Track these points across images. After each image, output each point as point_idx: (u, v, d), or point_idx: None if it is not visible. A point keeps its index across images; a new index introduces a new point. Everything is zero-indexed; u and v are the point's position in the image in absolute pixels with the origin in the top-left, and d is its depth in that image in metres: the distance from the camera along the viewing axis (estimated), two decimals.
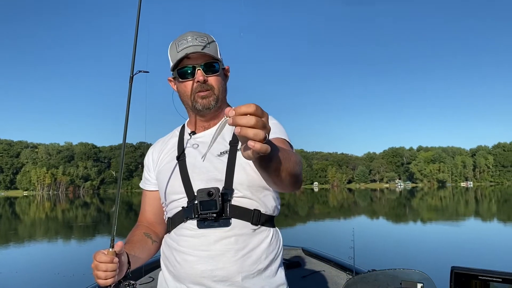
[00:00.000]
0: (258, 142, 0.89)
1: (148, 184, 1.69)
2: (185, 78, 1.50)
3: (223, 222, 1.40)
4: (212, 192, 1.37)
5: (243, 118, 0.88)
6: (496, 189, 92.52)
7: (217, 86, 1.51)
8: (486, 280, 1.18)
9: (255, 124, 0.88)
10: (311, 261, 3.93)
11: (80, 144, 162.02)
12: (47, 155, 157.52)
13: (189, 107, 1.57)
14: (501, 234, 15.28)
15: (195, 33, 1.50)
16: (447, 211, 29.22)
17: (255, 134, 0.88)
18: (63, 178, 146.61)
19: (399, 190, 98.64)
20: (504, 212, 27.23)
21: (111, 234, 1.31)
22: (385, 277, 1.56)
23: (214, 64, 1.50)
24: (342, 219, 23.35)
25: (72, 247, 14.21)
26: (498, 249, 11.43)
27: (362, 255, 3.19)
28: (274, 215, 1.53)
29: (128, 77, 1.42)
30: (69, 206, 47.52)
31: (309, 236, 14.44)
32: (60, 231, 19.56)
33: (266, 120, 0.92)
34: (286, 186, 1.26)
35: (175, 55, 1.49)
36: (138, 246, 1.50)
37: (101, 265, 1.26)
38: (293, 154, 1.26)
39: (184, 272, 1.41)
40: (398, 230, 17.49)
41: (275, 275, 1.46)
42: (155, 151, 1.69)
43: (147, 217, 1.68)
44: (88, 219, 27.94)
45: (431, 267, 6.09)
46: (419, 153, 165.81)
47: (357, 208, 34.18)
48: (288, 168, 1.16)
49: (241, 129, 0.88)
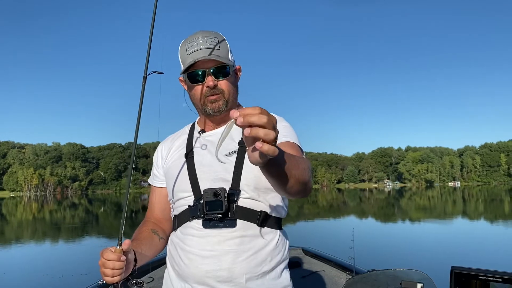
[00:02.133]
0: (266, 143, 0.86)
1: (156, 180, 1.69)
2: (195, 81, 1.49)
3: (228, 223, 1.39)
4: (218, 192, 1.36)
5: (254, 115, 0.86)
6: (483, 189, 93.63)
7: (227, 89, 1.49)
8: (486, 280, 1.18)
9: (266, 124, 0.86)
10: (311, 261, 3.92)
11: (68, 144, 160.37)
12: (34, 155, 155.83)
13: (199, 110, 1.57)
14: (501, 234, 15.36)
15: (205, 34, 1.47)
16: (435, 210, 29.49)
17: (266, 133, 0.86)
18: (50, 178, 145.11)
19: (387, 190, 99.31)
20: (492, 211, 27.52)
21: (119, 232, 1.32)
22: (385, 277, 1.56)
23: (225, 67, 1.47)
24: (342, 219, 23.39)
25: (60, 248, 14.06)
26: (498, 249, 11.49)
27: (362, 255, 3.19)
28: (281, 217, 1.51)
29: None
30: (57, 207, 47.02)
31: (309, 236, 14.39)
32: (48, 233, 19.35)
33: (275, 124, 0.90)
34: (294, 193, 1.23)
35: (185, 58, 1.47)
36: (145, 243, 1.50)
37: (109, 262, 1.25)
38: (302, 161, 1.24)
39: (189, 271, 1.40)
40: (398, 230, 17.50)
41: (280, 277, 1.45)
42: (164, 148, 1.69)
43: (155, 213, 1.68)
44: (76, 220, 27.69)
45: (431, 267, 6.11)
46: (408, 153, 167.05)
47: (347, 207, 34.33)
48: (296, 175, 1.14)
49: (251, 129, 0.86)
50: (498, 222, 19.89)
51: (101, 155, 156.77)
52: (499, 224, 18.84)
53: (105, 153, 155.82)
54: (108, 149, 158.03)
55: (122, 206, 1.34)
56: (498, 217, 22.36)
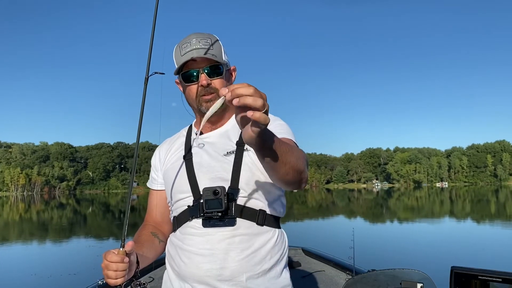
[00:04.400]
0: (256, 111, 0.91)
1: (155, 183, 1.69)
2: (189, 81, 1.51)
3: (228, 222, 1.40)
4: (218, 191, 1.36)
5: (240, 88, 0.91)
6: (470, 189, 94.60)
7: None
8: (486, 280, 1.18)
9: (254, 93, 0.91)
10: (311, 261, 3.93)
11: (55, 144, 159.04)
12: (21, 155, 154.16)
13: (195, 110, 1.59)
14: (501, 234, 15.46)
15: (199, 35, 1.50)
16: (434, 210, 29.65)
17: (254, 100, 0.90)
18: (38, 178, 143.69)
19: (376, 191, 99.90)
20: (482, 211, 27.77)
21: (122, 234, 1.33)
22: (385, 277, 1.56)
23: (219, 66, 1.50)
24: (341, 219, 23.42)
25: (47, 249, 13.91)
26: (498, 249, 11.54)
27: (362, 255, 3.20)
28: (280, 216, 1.52)
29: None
30: (44, 207, 46.46)
31: (309, 236, 14.36)
32: (35, 233, 19.12)
33: (264, 99, 0.93)
34: (290, 182, 1.25)
35: (179, 59, 1.50)
36: (146, 246, 1.50)
37: (112, 264, 1.25)
38: (296, 149, 1.27)
39: (189, 271, 1.40)
40: (398, 230, 17.53)
41: (280, 276, 1.46)
42: (162, 151, 1.71)
43: (154, 216, 1.68)
44: (64, 220, 27.41)
45: (431, 267, 6.14)
46: (396, 154, 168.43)
47: (336, 208, 34.44)
48: (291, 162, 1.17)
49: (239, 98, 0.90)
50: (498, 222, 20.01)
51: (90, 154, 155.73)
52: (499, 224, 18.94)
53: (94, 152, 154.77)
54: (97, 148, 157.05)
55: (125, 208, 1.36)
56: (498, 217, 22.53)
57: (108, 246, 13.21)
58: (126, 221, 1.35)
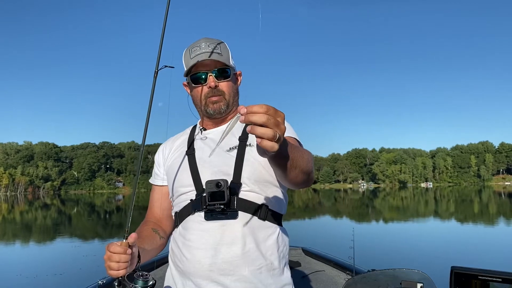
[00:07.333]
0: (264, 140, 0.94)
1: (157, 179, 1.72)
2: (197, 83, 1.58)
3: (230, 214, 1.43)
4: (220, 183, 1.38)
5: (254, 115, 0.93)
6: (454, 189, 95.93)
7: (228, 91, 1.59)
8: (486, 280, 1.18)
9: (266, 122, 0.93)
10: (311, 261, 3.95)
11: (40, 143, 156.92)
12: (4, 154, 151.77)
13: (201, 111, 1.64)
14: (501, 234, 15.61)
15: (208, 40, 1.57)
16: (433, 210, 29.91)
17: (262, 133, 0.93)
18: (21, 178, 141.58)
19: (362, 191, 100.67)
20: (486, 212, 28.07)
21: (126, 226, 1.33)
22: (385, 277, 1.57)
23: (226, 70, 1.57)
24: (341, 219, 23.52)
25: (32, 249, 13.75)
26: (498, 249, 11.63)
27: (362, 255, 3.21)
28: (281, 213, 1.54)
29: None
30: (28, 208, 45.77)
31: (309, 236, 14.35)
32: (19, 234, 18.84)
33: (282, 120, 0.97)
34: (299, 183, 1.29)
35: (188, 61, 1.57)
36: (147, 241, 1.52)
37: (115, 255, 1.25)
38: (306, 152, 1.30)
39: (192, 266, 1.42)
40: (398, 230, 17.59)
41: (282, 273, 1.48)
42: (166, 148, 1.75)
43: (155, 212, 1.70)
44: (48, 221, 27.08)
45: (431, 267, 6.19)
46: (381, 155, 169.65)
47: (322, 208, 34.59)
48: (301, 166, 1.20)
49: (251, 127, 0.94)
50: (498, 222, 20.21)
51: (75, 154, 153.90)
52: (498, 225, 19.13)
53: (79, 152, 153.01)
54: (82, 148, 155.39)
55: (130, 202, 1.34)
56: (498, 217, 22.77)
57: (94, 247, 13.13)
58: (130, 213, 1.36)
